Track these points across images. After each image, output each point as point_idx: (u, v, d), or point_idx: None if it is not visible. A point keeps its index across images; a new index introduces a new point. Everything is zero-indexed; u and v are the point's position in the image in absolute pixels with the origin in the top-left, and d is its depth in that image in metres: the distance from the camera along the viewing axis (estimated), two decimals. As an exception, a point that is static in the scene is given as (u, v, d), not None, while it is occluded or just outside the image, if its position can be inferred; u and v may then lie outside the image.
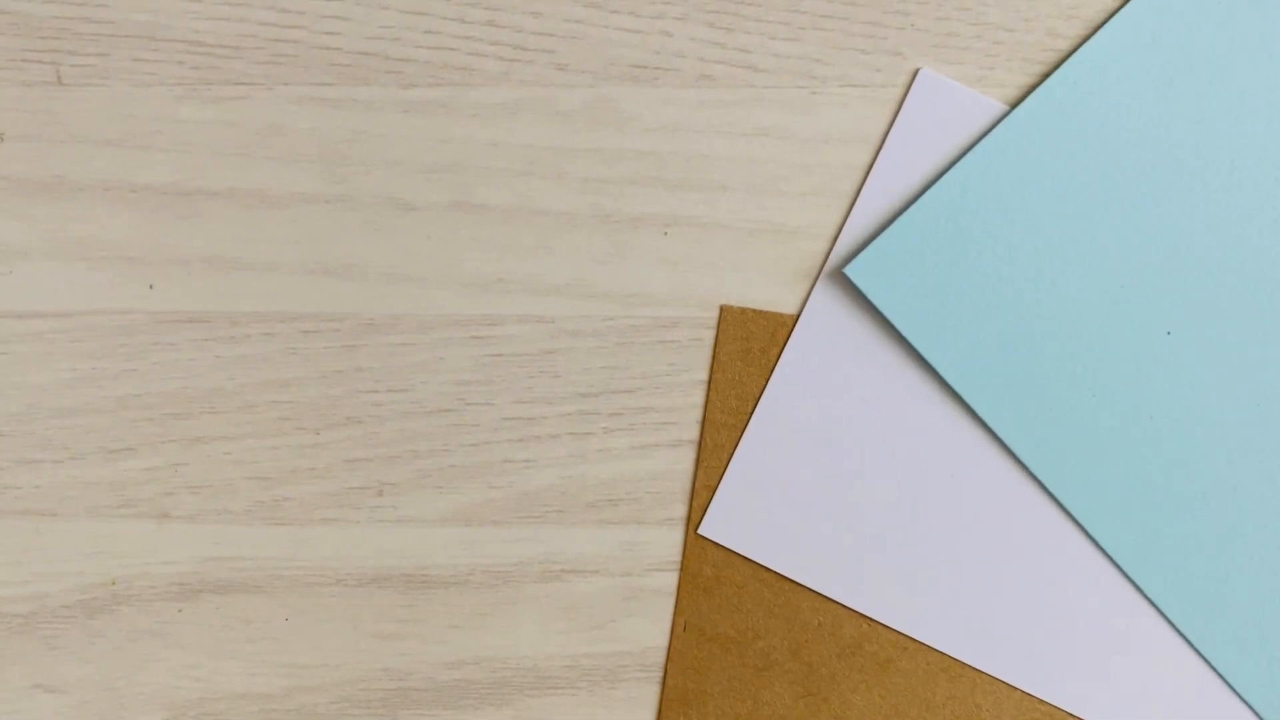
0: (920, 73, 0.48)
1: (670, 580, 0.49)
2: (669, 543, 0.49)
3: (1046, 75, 0.48)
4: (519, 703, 0.49)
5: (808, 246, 0.48)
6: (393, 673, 0.49)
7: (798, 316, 0.48)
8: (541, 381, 0.49)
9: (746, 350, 0.48)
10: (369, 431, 0.49)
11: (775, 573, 0.48)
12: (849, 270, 0.47)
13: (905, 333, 0.47)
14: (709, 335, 0.49)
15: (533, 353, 0.49)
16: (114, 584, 0.49)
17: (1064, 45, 0.48)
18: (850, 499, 0.48)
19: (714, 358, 0.49)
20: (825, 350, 0.48)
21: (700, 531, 0.49)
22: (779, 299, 0.48)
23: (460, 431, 0.49)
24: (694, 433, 0.49)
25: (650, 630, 0.49)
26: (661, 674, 0.49)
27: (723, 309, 0.48)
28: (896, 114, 0.48)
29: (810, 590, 0.48)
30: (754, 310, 0.48)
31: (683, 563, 0.49)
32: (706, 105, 0.48)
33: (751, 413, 0.48)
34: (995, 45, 0.48)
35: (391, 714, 0.49)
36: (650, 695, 0.49)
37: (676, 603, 0.49)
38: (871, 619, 0.48)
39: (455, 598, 0.49)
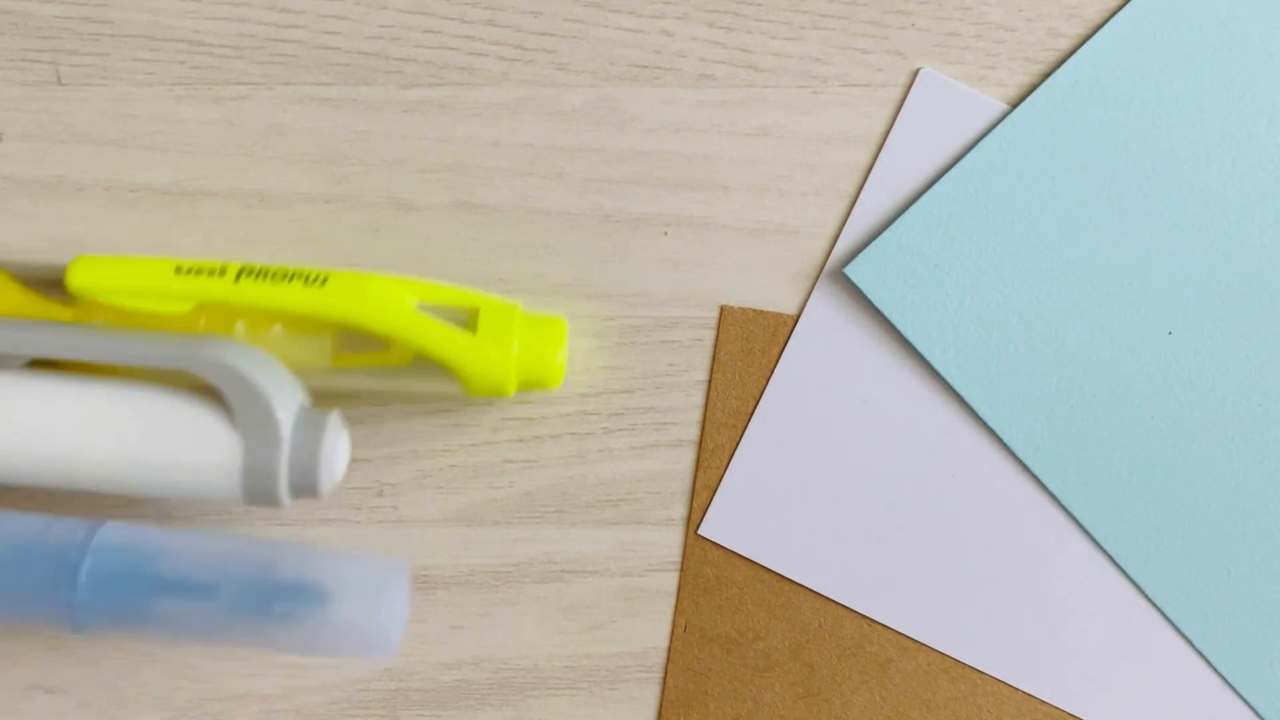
0: (921, 72, 0.48)
1: (670, 580, 0.49)
2: (669, 543, 0.49)
3: (1047, 75, 0.47)
4: (519, 703, 0.49)
5: (808, 246, 0.48)
6: (393, 673, 0.49)
7: (798, 316, 0.48)
8: (541, 381, 0.49)
9: (746, 350, 0.48)
10: (369, 431, 0.49)
11: (775, 573, 0.48)
12: (849, 270, 0.47)
13: (905, 333, 0.47)
14: (709, 335, 0.48)
15: (533, 353, 0.49)
16: (114, 584, 0.49)
17: (1065, 45, 0.48)
18: (850, 499, 0.48)
19: (714, 358, 0.48)
20: (825, 350, 0.48)
21: (700, 532, 0.49)
22: (779, 299, 0.48)
23: (460, 431, 0.49)
24: (694, 433, 0.49)
25: (650, 630, 0.49)
26: (662, 674, 0.49)
27: (723, 309, 0.48)
28: (897, 114, 0.48)
29: (810, 590, 0.48)
30: (754, 310, 0.48)
31: (683, 563, 0.49)
32: (707, 105, 0.48)
33: (751, 413, 0.48)
34: (996, 45, 0.48)
35: (391, 714, 0.49)
36: (650, 696, 0.49)
37: (677, 603, 0.49)
38: (872, 619, 0.48)
39: (455, 598, 0.49)
